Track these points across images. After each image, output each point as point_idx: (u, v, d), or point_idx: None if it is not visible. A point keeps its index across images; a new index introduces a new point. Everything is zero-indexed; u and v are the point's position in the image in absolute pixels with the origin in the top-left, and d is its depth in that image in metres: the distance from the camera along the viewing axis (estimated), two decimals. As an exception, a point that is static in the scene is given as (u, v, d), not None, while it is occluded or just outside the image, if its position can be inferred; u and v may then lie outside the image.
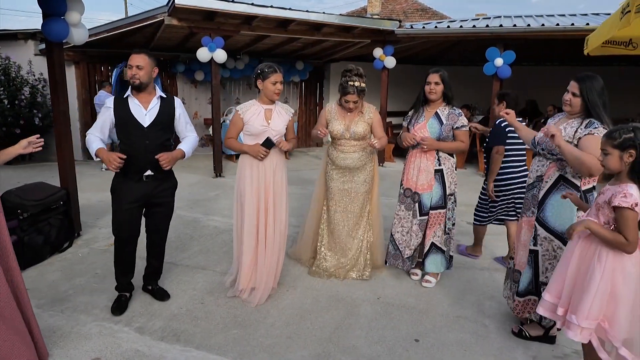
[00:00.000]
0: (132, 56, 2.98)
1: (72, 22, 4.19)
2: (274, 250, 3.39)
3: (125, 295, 3.28)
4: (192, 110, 10.26)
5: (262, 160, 3.28)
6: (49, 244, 4.09)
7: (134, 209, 3.08)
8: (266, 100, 3.33)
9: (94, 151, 2.99)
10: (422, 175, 3.57)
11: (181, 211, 5.59)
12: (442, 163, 3.56)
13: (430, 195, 3.57)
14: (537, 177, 2.85)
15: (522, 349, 2.89)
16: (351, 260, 3.83)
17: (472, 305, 3.44)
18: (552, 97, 10.22)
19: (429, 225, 3.62)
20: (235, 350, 2.80)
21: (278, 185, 3.38)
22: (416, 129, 3.58)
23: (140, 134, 3.01)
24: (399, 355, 2.81)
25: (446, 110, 3.55)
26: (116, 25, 7.43)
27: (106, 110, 3.05)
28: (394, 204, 6.21)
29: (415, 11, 18.62)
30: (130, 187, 3.04)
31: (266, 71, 3.23)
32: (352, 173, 3.73)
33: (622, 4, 3.17)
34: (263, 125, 3.27)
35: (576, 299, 2.20)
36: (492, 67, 7.84)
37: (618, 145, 2.10)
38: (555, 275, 2.37)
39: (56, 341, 2.83)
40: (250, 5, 6.89)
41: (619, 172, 2.15)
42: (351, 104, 3.60)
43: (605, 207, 2.15)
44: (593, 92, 2.62)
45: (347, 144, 3.70)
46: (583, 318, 2.13)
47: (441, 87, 3.51)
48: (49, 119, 7.79)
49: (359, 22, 8.29)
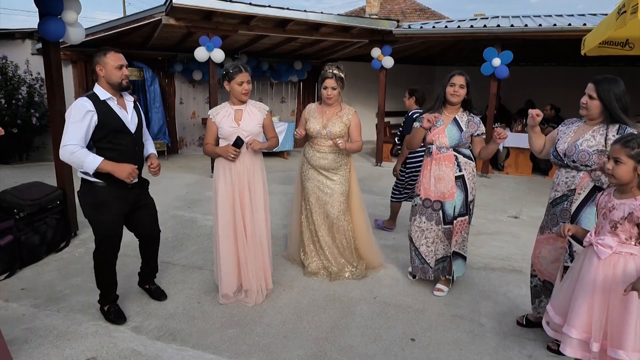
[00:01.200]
0: (116, 54, 2.81)
1: (68, 22, 4.18)
2: (257, 253, 3.31)
3: (115, 305, 3.14)
4: (190, 110, 10.26)
5: (233, 161, 3.16)
6: (45, 243, 4.08)
7: (121, 217, 2.97)
8: (236, 101, 3.24)
9: (95, 165, 2.69)
10: (441, 184, 3.35)
11: (178, 211, 5.59)
12: (462, 169, 3.34)
13: (453, 204, 3.35)
14: (569, 191, 2.67)
15: (518, 347, 2.89)
16: (334, 260, 3.79)
17: (468, 304, 3.45)
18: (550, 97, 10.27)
19: (454, 233, 3.42)
20: (232, 350, 2.80)
21: (255, 187, 3.26)
22: (433, 134, 3.36)
23: (129, 140, 2.89)
24: (395, 354, 2.81)
25: (465, 117, 3.37)
26: (113, 24, 7.42)
27: (86, 115, 2.69)
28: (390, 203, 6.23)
29: (413, 11, 18.62)
30: (120, 197, 2.88)
31: (231, 72, 3.14)
32: (327, 173, 3.69)
33: (618, 5, 3.18)
34: (232, 127, 3.18)
35: (615, 330, 2.02)
36: (489, 67, 7.85)
37: (635, 155, 1.96)
38: (578, 308, 2.14)
39: (52, 341, 2.83)
40: (248, 5, 6.89)
41: (627, 183, 2.02)
42: (330, 90, 3.58)
43: (625, 224, 2.01)
44: (611, 94, 2.51)
45: (323, 144, 3.66)
46: (631, 350, 1.96)
47: (465, 91, 3.32)
48: (46, 118, 7.77)
49: (357, 22, 8.29)
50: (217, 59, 7.21)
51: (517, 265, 4.19)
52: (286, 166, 8.96)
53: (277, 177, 7.77)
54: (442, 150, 3.35)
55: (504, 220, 5.67)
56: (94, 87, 2.86)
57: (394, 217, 5.15)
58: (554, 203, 2.77)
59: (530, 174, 8.51)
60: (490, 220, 5.61)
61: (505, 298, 3.56)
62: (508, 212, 6.03)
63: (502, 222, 5.59)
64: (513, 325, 3.15)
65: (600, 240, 2.10)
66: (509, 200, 6.68)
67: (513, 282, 3.83)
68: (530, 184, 7.85)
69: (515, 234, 5.14)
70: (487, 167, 8.42)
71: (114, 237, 2.96)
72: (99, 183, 2.81)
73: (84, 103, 2.72)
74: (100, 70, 2.80)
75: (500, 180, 8.15)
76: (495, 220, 5.64)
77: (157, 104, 9.01)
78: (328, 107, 3.69)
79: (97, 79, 2.85)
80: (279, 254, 4.31)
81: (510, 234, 5.11)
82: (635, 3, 2.67)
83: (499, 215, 5.87)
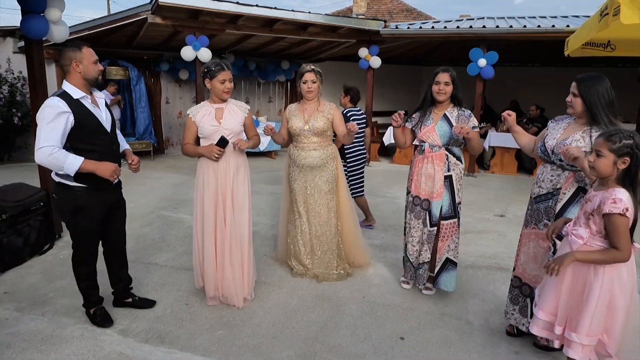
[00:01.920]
0: (90, 49, 2.71)
1: (52, 20, 4.11)
2: (237, 255, 3.21)
3: (101, 307, 3.05)
4: (177, 109, 10.18)
5: (217, 161, 3.09)
6: (28, 246, 4.01)
7: (101, 221, 2.86)
8: (217, 99, 3.19)
9: (77, 166, 2.56)
10: (430, 182, 3.33)
11: (165, 211, 5.54)
12: (451, 169, 3.32)
13: (440, 203, 3.33)
14: (554, 188, 2.67)
15: (506, 344, 2.92)
16: (321, 260, 3.77)
17: (456, 302, 3.48)
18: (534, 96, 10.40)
19: (441, 238, 3.37)
20: (221, 351, 2.78)
21: (239, 186, 3.20)
22: (424, 133, 3.34)
23: (107, 139, 2.78)
24: (385, 353, 2.82)
25: (455, 112, 3.33)
26: (98, 22, 7.32)
27: (60, 116, 2.55)
28: (378, 202, 6.25)
29: (400, 12, 18.73)
30: (100, 200, 2.79)
31: (213, 69, 3.06)
32: (313, 172, 3.66)
33: (601, 7, 3.24)
34: (214, 125, 3.11)
35: (575, 315, 2.10)
36: (475, 67, 7.94)
37: (616, 149, 1.99)
38: (547, 292, 2.24)
39: (37, 345, 2.77)
40: (235, 4, 6.86)
41: (607, 177, 2.05)
42: (310, 83, 3.59)
43: (596, 215, 2.04)
44: (592, 91, 2.53)
45: (307, 141, 3.64)
46: (584, 335, 2.04)
47: (451, 87, 3.28)
48: (29, 118, 7.63)
49: (344, 22, 8.31)
50: (204, 59, 7.16)
51: (503, 264, 4.24)
52: (274, 166, 8.94)
53: (265, 177, 7.75)
54: (435, 148, 3.32)
55: (490, 218, 5.73)
56: (63, 84, 2.69)
57: (366, 212, 5.15)
58: (538, 200, 2.76)
59: (516, 172, 8.62)
60: (476, 219, 5.66)
61: (493, 296, 3.60)
62: (494, 210, 6.10)
63: (488, 220, 5.65)
64: (500, 323, 3.18)
65: (574, 230, 2.15)
66: (494, 199, 6.76)
67: (500, 280, 3.87)
68: (516, 182, 7.95)
69: (502, 232, 5.20)
70: (473, 166, 8.51)
71: (93, 241, 2.88)
72: (78, 187, 2.69)
73: (57, 103, 2.56)
74: (77, 65, 2.66)
75: (486, 179, 8.23)
76: (482, 218, 5.70)
77: (143, 103, 8.92)
78: (308, 104, 3.68)
79: (68, 76, 2.70)
80: (268, 254, 4.30)
81: (497, 233, 5.17)
82: (617, 5, 2.72)
83: (485, 213, 5.93)
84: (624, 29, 3.50)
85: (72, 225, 2.81)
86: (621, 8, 2.68)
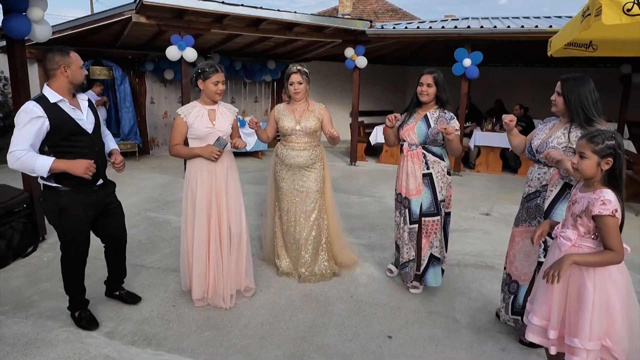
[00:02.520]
0: (76, 54, 2.73)
1: (34, 19, 4.05)
2: (232, 254, 3.25)
3: (86, 310, 3.05)
4: (162, 109, 10.09)
5: (215, 161, 3.12)
6: (11, 248, 3.94)
7: (88, 223, 2.87)
8: (208, 100, 3.20)
9: (47, 167, 2.56)
10: (410, 180, 3.40)
11: (152, 212, 5.49)
12: (430, 167, 3.37)
13: (419, 201, 3.38)
14: (542, 187, 2.74)
15: (492, 342, 2.96)
16: (308, 261, 3.77)
17: (443, 301, 3.51)
18: (518, 96, 10.55)
19: (424, 235, 3.42)
20: (209, 352, 2.77)
21: (232, 186, 3.24)
22: (404, 131, 3.43)
23: (87, 141, 2.77)
24: (372, 351, 2.83)
25: (436, 114, 3.38)
26: (81, 22, 7.20)
27: (34, 121, 2.56)
28: (365, 202, 6.28)
29: (385, 12, 18.82)
30: (84, 201, 2.78)
31: (207, 71, 3.09)
32: (302, 172, 3.67)
33: (583, 7, 3.29)
34: (208, 127, 3.12)
35: (572, 319, 2.06)
36: (460, 67, 8.00)
37: (599, 151, 1.99)
38: (539, 295, 2.22)
39: (21, 349, 2.73)
40: (221, 4, 6.81)
41: (591, 178, 2.06)
42: (296, 84, 3.59)
43: (584, 217, 2.04)
44: (574, 91, 2.60)
45: (297, 140, 3.64)
46: (586, 339, 1.98)
47: (434, 89, 3.34)
48: (11, 119, 7.50)
49: (330, 22, 8.32)
50: (189, 58, 7.11)
51: (489, 262, 4.29)
52: (260, 166, 8.91)
53: (252, 178, 7.72)
54: (412, 147, 3.40)
55: (476, 217, 5.79)
56: (43, 88, 2.71)
57: None
58: (528, 198, 2.84)
59: (501, 171, 8.72)
60: (462, 217, 5.72)
61: (479, 294, 3.64)
62: (480, 209, 6.16)
63: (474, 219, 5.71)
64: (487, 320, 3.22)
65: (562, 233, 2.15)
66: (480, 197, 6.83)
67: (486, 278, 3.92)
68: (501, 181, 8.05)
69: (487, 230, 5.26)
70: (459, 165, 8.59)
71: (80, 243, 2.85)
72: (62, 189, 2.71)
73: (32, 108, 2.58)
74: (65, 70, 2.68)
75: (471, 178, 8.32)
76: (468, 217, 5.75)
77: (128, 103, 8.82)
78: (297, 104, 3.69)
79: (51, 80, 2.72)
80: (255, 255, 4.28)
81: (482, 231, 5.23)
82: (598, 6, 2.77)
83: (471, 212, 5.99)
84: (606, 30, 3.56)
85: (58, 227, 2.81)
86: (602, 9, 2.73)
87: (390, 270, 3.88)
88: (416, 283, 3.59)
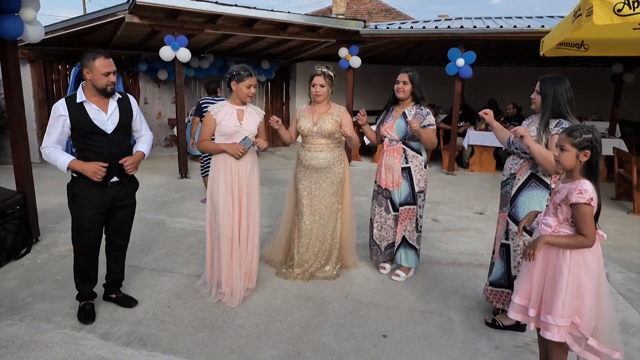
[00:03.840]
0: (105, 60, 2.82)
1: (26, 20, 4.02)
2: (250, 251, 3.41)
3: (90, 302, 3.15)
4: (156, 110, 10.04)
5: (239, 159, 3.27)
6: (4, 250, 3.92)
7: (98, 214, 2.97)
8: (238, 101, 3.35)
9: (65, 164, 2.84)
10: (390, 173, 3.67)
11: (146, 213, 5.47)
12: (409, 161, 3.63)
13: (399, 192, 3.67)
14: (511, 175, 2.99)
15: (486, 340, 2.99)
16: (317, 261, 3.82)
17: (437, 299, 3.53)
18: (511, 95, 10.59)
19: (400, 221, 3.71)
20: (204, 353, 2.77)
21: (252, 185, 3.38)
22: (384, 129, 3.68)
23: (104, 141, 2.90)
24: (368, 351, 2.85)
25: (413, 110, 3.62)
26: (74, 22, 7.16)
27: (58, 119, 2.83)
28: (360, 201, 6.31)
29: (379, 11, 18.85)
30: (94, 193, 2.91)
31: (242, 74, 3.26)
32: (319, 174, 3.72)
33: (574, 8, 3.32)
34: (236, 126, 3.28)
35: (548, 298, 2.25)
36: (454, 67, 8.04)
37: (577, 144, 2.17)
38: (521, 277, 2.42)
39: (15, 351, 2.72)
40: (214, 4, 6.80)
41: (571, 169, 2.23)
42: (318, 87, 3.64)
43: (563, 205, 2.21)
44: (549, 89, 2.80)
45: (315, 142, 3.71)
46: (558, 316, 2.18)
47: (409, 86, 3.58)
48: (4, 119, 7.45)
49: (324, 22, 8.32)
50: (183, 59, 7.09)
51: (483, 260, 4.31)
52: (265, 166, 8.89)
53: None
54: (392, 143, 3.67)
55: (470, 216, 5.83)
56: (80, 85, 2.93)
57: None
58: (502, 185, 3.10)
59: (494, 170, 8.77)
60: (456, 216, 5.75)
61: (473, 292, 3.66)
62: (474, 208, 6.20)
63: (468, 218, 5.74)
64: (481, 319, 3.24)
65: (544, 220, 2.32)
66: (474, 196, 6.87)
67: (480, 277, 3.94)
68: (494, 180, 8.09)
69: (481, 229, 5.29)
70: (452, 164, 8.63)
71: (87, 231, 2.96)
72: (79, 178, 2.91)
73: (58, 107, 2.84)
74: (87, 73, 2.84)
75: (465, 177, 8.36)
76: (462, 216, 5.79)
77: (121, 104, 8.77)
78: (318, 106, 3.74)
79: (84, 79, 2.91)
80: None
81: (476, 230, 5.26)
82: (589, 6, 2.80)
83: (464, 211, 6.02)
84: (597, 30, 3.60)
85: (71, 214, 2.98)
86: (594, 9, 2.77)
87: (384, 267, 3.96)
88: (385, 265, 3.95)
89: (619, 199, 6.72)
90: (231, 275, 3.34)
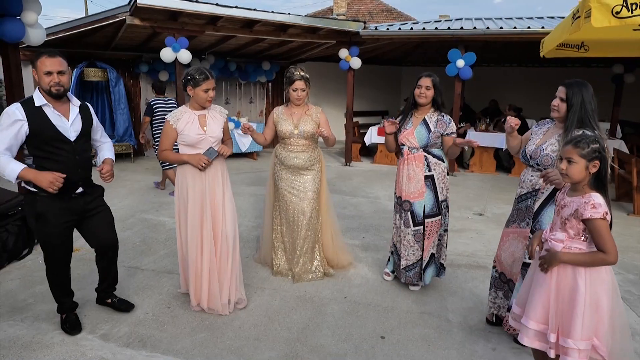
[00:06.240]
0: (46, 59, 2.60)
1: (28, 23, 4.06)
2: (227, 260, 3.20)
3: (74, 313, 3.05)
4: (157, 111, 10.06)
5: (203, 170, 3.07)
6: (6, 251, 3.95)
7: (67, 228, 2.82)
8: (197, 106, 3.11)
9: (15, 173, 2.56)
10: (412, 183, 3.44)
11: (146, 214, 5.50)
12: (432, 169, 3.43)
13: (423, 203, 3.44)
14: (533, 189, 2.79)
15: (483, 341, 3.00)
16: (302, 260, 3.81)
17: (435, 301, 3.54)
18: (511, 96, 10.62)
19: (427, 236, 3.48)
20: (203, 354, 2.79)
21: (224, 191, 3.19)
22: (403, 136, 3.47)
23: (68, 149, 2.72)
24: (366, 352, 2.87)
25: (434, 117, 3.44)
26: (75, 24, 7.21)
27: (14, 124, 2.57)
28: (360, 202, 6.32)
29: (380, 12, 18.86)
30: (60, 208, 2.73)
31: (197, 78, 2.98)
32: (300, 172, 3.73)
33: (573, 10, 3.34)
34: (199, 134, 3.05)
35: (565, 320, 2.08)
36: (454, 68, 8.05)
37: (586, 155, 2.04)
38: (534, 300, 2.20)
39: (17, 352, 2.75)
40: (214, 6, 6.82)
41: (579, 182, 2.09)
42: (299, 91, 3.64)
43: (572, 220, 2.08)
44: (578, 97, 2.59)
45: (296, 143, 3.70)
46: (579, 339, 2.02)
47: (432, 92, 3.41)
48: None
49: (324, 24, 8.34)
50: (183, 60, 7.11)
51: (481, 262, 4.33)
52: (255, 167, 8.93)
53: (247, 178, 7.74)
54: (413, 150, 3.44)
55: (469, 217, 5.84)
56: (34, 90, 2.71)
57: (164, 180, 6.81)
58: (520, 199, 2.89)
59: (494, 171, 8.77)
60: (456, 217, 5.76)
61: (471, 294, 3.68)
62: (473, 209, 6.21)
63: (467, 219, 5.75)
64: (479, 320, 3.26)
65: (552, 235, 2.18)
66: (473, 197, 6.87)
67: (478, 278, 3.96)
68: (494, 181, 8.10)
69: (480, 230, 5.30)
70: (453, 165, 8.63)
71: (55, 248, 2.82)
72: (40, 193, 2.68)
73: (14, 111, 2.60)
74: (35, 74, 2.65)
75: (465, 178, 8.37)
76: (461, 217, 5.80)
77: (122, 105, 8.82)
78: (296, 108, 3.73)
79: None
80: (250, 256, 4.31)
81: (475, 231, 5.27)
82: (588, 8, 2.81)
83: (464, 212, 6.03)
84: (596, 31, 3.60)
85: (36, 231, 2.81)
86: (592, 12, 2.78)
87: (388, 273, 3.89)
88: (390, 272, 3.85)
89: (619, 200, 6.72)
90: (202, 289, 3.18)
